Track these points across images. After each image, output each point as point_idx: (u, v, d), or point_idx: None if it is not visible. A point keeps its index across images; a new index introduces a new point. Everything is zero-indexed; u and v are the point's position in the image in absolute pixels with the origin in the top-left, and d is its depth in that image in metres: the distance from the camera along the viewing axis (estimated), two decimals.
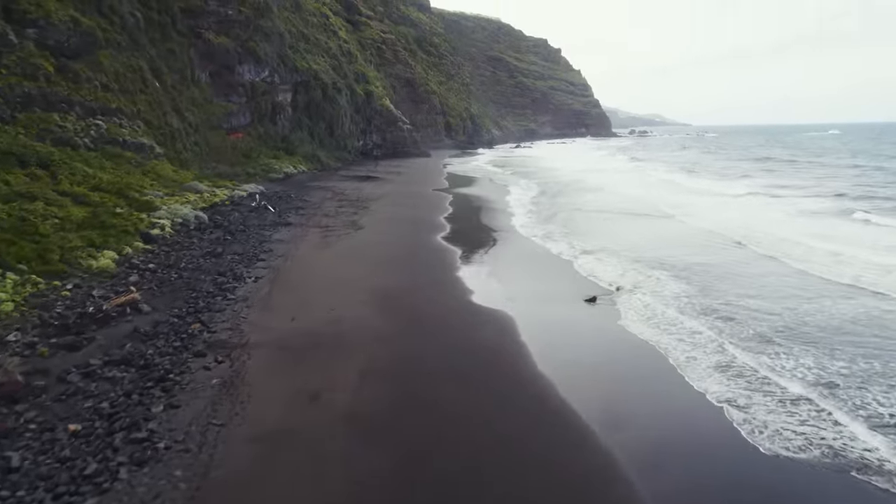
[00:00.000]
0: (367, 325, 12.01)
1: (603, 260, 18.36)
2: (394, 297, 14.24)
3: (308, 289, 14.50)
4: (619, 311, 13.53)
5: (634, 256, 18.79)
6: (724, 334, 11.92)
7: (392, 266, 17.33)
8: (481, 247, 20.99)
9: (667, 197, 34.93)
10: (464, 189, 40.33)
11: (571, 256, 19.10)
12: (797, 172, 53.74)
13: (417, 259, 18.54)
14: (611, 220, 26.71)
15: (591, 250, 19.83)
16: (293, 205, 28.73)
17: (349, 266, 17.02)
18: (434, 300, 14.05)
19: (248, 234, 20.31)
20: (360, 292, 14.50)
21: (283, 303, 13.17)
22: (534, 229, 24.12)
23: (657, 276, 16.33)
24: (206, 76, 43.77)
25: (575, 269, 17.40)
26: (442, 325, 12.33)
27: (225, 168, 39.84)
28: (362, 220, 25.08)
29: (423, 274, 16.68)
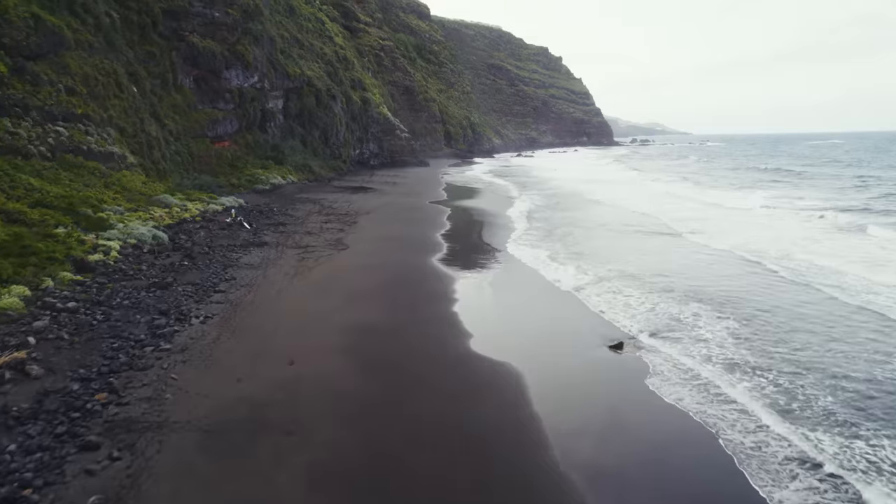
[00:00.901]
0: (333, 391, 9.30)
1: (622, 290, 15.67)
2: (373, 341, 11.53)
3: (268, 331, 11.80)
4: (651, 364, 10.82)
5: (660, 285, 16.10)
6: (797, 402, 9.21)
7: (376, 298, 14.64)
8: (482, 272, 18.32)
9: (677, 211, 32.29)
10: (463, 201, 37.73)
11: (584, 284, 16.43)
12: (811, 183, 51.12)
13: (407, 288, 15.85)
14: (621, 238, 24.04)
15: (605, 276, 17.16)
16: (273, 220, 26.08)
17: (324, 298, 14.33)
18: (423, 349, 11.34)
19: (212, 256, 17.64)
20: (332, 334, 11.81)
21: (230, 354, 10.47)
22: (538, 249, 21.47)
23: (693, 311, 13.63)
24: (190, 81, 41.32)
25: (592, 302, 14.70)
26: (432, 389, 9.62)
27: (207, 179, 37.27)
28: (348, 239, 22.43)
29: (412, 308, 13.99)
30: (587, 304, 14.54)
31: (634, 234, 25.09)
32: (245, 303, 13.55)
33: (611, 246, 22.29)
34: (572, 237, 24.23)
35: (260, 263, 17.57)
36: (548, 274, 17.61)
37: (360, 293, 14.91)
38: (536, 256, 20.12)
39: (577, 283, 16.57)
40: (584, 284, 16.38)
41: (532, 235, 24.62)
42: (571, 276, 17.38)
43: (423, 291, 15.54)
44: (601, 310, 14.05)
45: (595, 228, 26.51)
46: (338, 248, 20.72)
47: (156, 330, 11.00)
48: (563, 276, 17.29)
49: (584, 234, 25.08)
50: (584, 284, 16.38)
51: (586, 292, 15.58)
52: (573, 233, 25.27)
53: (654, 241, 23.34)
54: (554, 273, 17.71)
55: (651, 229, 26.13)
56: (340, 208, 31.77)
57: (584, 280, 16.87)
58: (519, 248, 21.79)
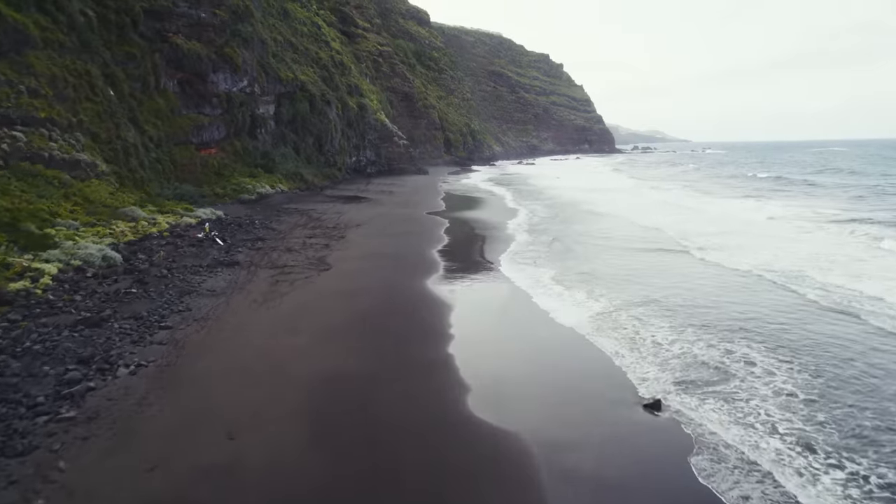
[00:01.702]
0: (283, 481, 6.86)
1: (646, 323, 13.25)
2: (345, 400, 9.11)
3: (212, 386, 9.39)
4: (694, 435, 8.38)
5: (690, 317, 13.67)
6: None
7: (356, 334, 12.23)
8: (483, 297, 15.92)
9: (688, 223, 29.81)
10: (462, 213, 35.37)
11: (599, 313, 14.03)
12: (825, 192, 48.65)
13: (395, 320, 13.43)
14: (631, 257, 21.58)
15: (622, 304, 14.76)
16: (253, 235, 23.69)
17: (293, 336, 11.92)
18: (408, 411, 8.90)
19: (169, 281, 15.23)
20: (293, 389, 9.40)
21: (153, 423, 8.05)
22: (543, 269, 19.09)
23: (740, 354, 11.20)
24: (173, 85, 39.11)
25: (612, 341, 12.26)
26: (417, 473, 7.17)
27: (189, 188, 34.95)
28: (333, 257, 20.02)
29: (398, 349, 11.57)
30: (606, 344, 12.09)
31: (645, 251, 22.61)
32: (193, 343, 11.12)
33: (622, 265, 19.88)
34: (578, 254, 21.84)
35: (225, 289, 15.16)
36: (557, 302, 15.17)
37: (337, 329, 12.48)
38: (542, 279, 17.72)
39: (591, 312, 14.18)
40: (599, 314, 13.98)
41: (536, 252, 22.23)
42: (583, 304, 14.98)
43: (414, 325, 13.11)
44: (623, 352, 11.61)
45: (602, 244, 24.08)
46: (319, 268, 18.31)
47: (63, 388, 8.58)
48: (574, 305, 14.88)
49: (591, 251, 22.66)
50: (600, 314, 13.97)
51: (603, 325, 13.16)
52: (579, 249, 22.87)
53: (669, 260, 20.90)
54: (563, 301, 15.29)
55: (663, 245, 23.67)
56: (329, 220, 29.40)
57: (597, 308, 14.46)
58: (523, 268, 19.38)
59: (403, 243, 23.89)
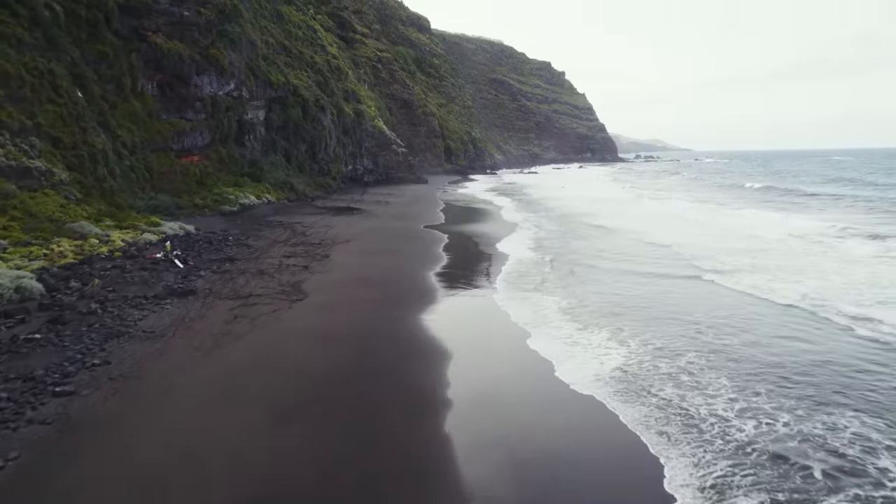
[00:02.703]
0: None
1: (697, 379, 10.23)
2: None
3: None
4: None
5: (756, 371, 10.65)
6: None
7: (321, 411, 9.17)
8: (489, 341, 12.90)
9: (707, 240, 26.53)
10: (463, 226, 32.40)
11: (630, 362, 11.03)
12: (845, 204, 45.46)
13: (376, 382, 10.39)
14: (652, 283, 18.32)
15: (654, 351, 11.74)
16: (222, 254, 20.67)
17: (234, 412, 8.86)
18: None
19: (98, 319, 12.21)
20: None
21: None
22: (552, 296, 16.14)
23: (853, 435, 8.16)
24: (152, 87, 36.31)
25: (654, 413, 9.22)
26: None
27: (166, 198, 32.03)
28: (310, 283, 17.01)
29: (378, 433, 8.50)
30: (641, 416, 9.04)
31: (665, 276, 19.24)
32: (88, 422, 8.07)
33: (640, 294, 16.81)
34: (588, 279, 18.73)
35: (166, 329, 12.13)
36: (579, 349, 12.12)
37: (297, 400, 9.39)
38: (548, 311, 14.73)
39: (614, 363, 11.16)
40: (624, 367, 10.94)
41: (542, 275, 19.23)
42: (601, 348, 11.98)
43: (400, 389, 10.07)
44: (672, 431, 8.54)
45: (613, 267, 20.82)
46: (292, 297, 15.29)
47: None
48: (599, 352, 11.87)
49: (602, 274, 19.49)
50: (626, 367, 10.94)
51: (634, 385, 10.13)
52: (588, 273, 19.69)
53: (695, 288, 17.73)
54: (587, 345, 12.27)
55: (682, 269, 20.30)
56: (315, 235, 26.41)
57: (621, 357, 11.44)
58: (527, 295, 16.36)
59: (396, 264, 20.89)
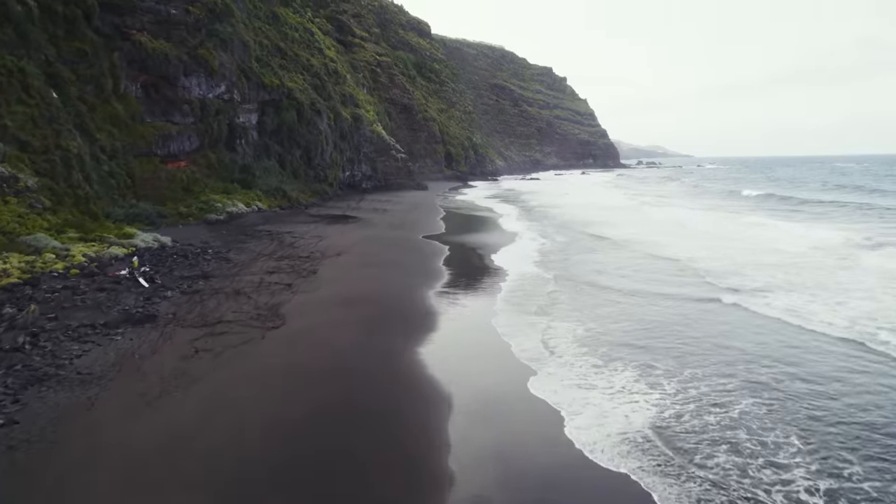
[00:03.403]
0: None
1: (769, 449, 8.15)
2: None
3: None
4: None
5: (846, 438, 8.57)
6: None
7: (292, 474, 7.08)
8: (490, 390, 10.82)
9: (726, 252, 24.34)
10: (465, 236, 30.34)
11: (673, 417, 9.01)
12: (862, 213, 43.27)
13: (365, 436, 8.30)
14: (674, 305, 16.18)
15: (700, 399, 9.69)
16: (197, 269, 18.58)
17: (172, 494, 6.77)
18: None
19: (24, 356, 10.13)
20: None
21: None
22: (563, 321, 14.14)
23: None
24: (136, 89, 34.38)
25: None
26: None
27: (147, 206, 30.02)
28: (291, 305, 14.94)
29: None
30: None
31: (691, 300, 16.96)
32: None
33: (662, 320, 14.71)
34: (604, 302, 16.55)
35: (108, 369, 10.05)
36: (598, 395, 10.03)
37: (257, 473, 7.29)
38: (559, 343, 12.67)
39: (658, 413, 9.16)
40: (671, 420, 8.89)
41: (551, 295, 17.19)
42: (638, 393, 9.95)
43: (394, 448, 7.97)
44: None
45: (630, 286, 18.59)
46: (267, 323, 13.21)
47: None
48: (623, 398, 9.81)
49: (619, 297, 17.23)
50: (673, 420, 8.88)
51: (690, 449, 8.06)
52: (603, 294, 17.53)
53: (733, 316, 15.48)
54: (607, 389, 10.22)
55: (709, 291, 17.91)
56: (304, 247, 24.35)
57: (667, 407, 9.38)
58: (534, 321, 14.29)
59: (391, 280, 18.81)
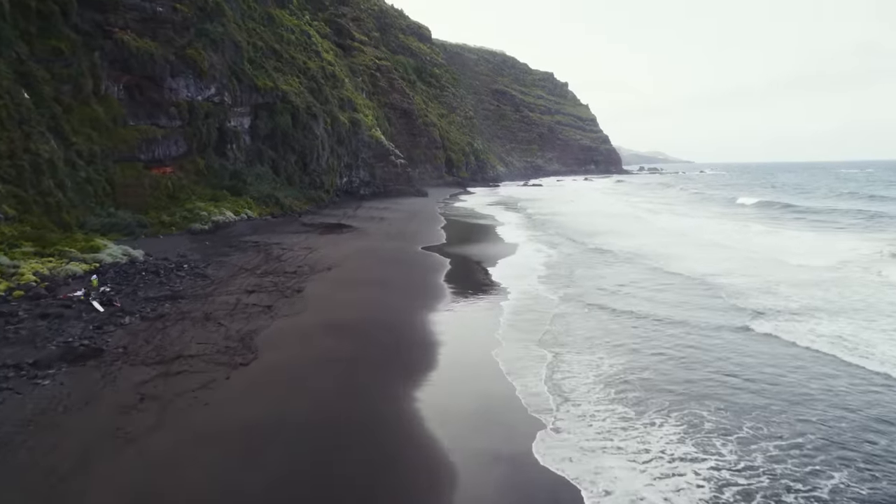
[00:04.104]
0: None
1: None
2: None
3: None
4: None
5: None
6: None
7: None
8: (502, 469, 8.74)
9: (753, 269, 22.26)
10: (466, 247, 28.28)
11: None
12: (882, 222, 41.08)
13: None
14: (712, 339, 14.10)
15: (785, 476, 7.61)
16: (168, 288, 16.49)
17: None
18: None
19: None
20: None
21: None
22: (578, 353, 12.05)
23: None
24: (118, 90, 32.44)
25: None
26: None
27: (126, 215, 27.99)
28: (267, 334, 12.85)
29: None
30: None
31: (725, 330, 14.88)
32: None
33: (702, 359, 12.68)
34: (623, 330, 14.58)
35: (18, 428, 7.96)
36: (624, 463, 7.97)
37: None
38: (588, 379, 10.60)
39: (714, 498, 7.00)
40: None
41: (563, 321, 15.15)
42: (685, 460, 7.95)
43: None
44: None
45: (650, 310, 16.55)
46: (235, 358, 11.13)
47: None
48: (662, 467, 7.79)
49: (640, 324, 15.22)
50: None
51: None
52: (619, 320, 15.48)
53: (781, 349, 13.47)
54: (639, 452, 8.21)
55: (739, 316, 15.97)
56: (292, 260, 22.29)
57: (732, 490, 7.28)
58: (550, 352, 12.22)
59: (385, 302, 16.72)
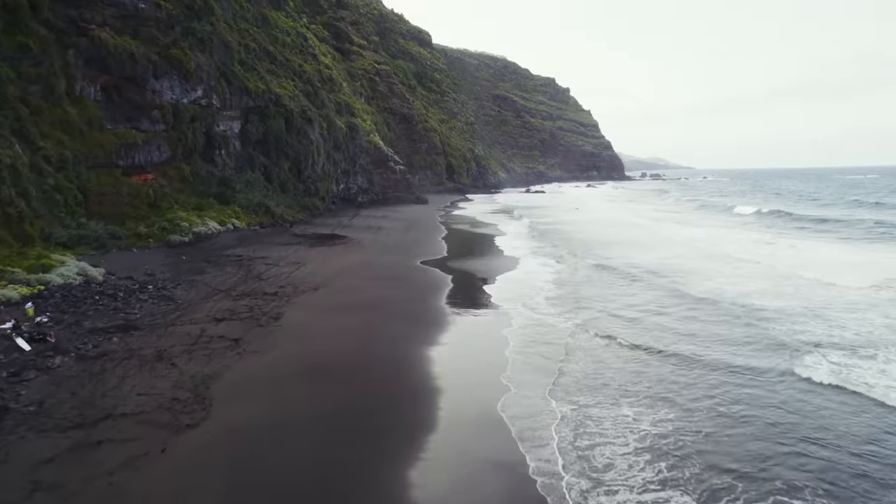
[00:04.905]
0: None
1: None
2: None
3: None
4: None
5: None
6: None
7: None
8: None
9: (792, 288, 19.99)
10: (469, 261, 25.89)
11: None
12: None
13: None
14: (763, 389, 11.66)
15: None
16: (122, 316, 14.08)
17: None
18: None
19: None
20: None
21: None
22: (620, 408, 9.63)
23: None
24: (95, 91, 30.16)
25: None
26: None
27: (98, 227, 25.64)
28: (229, 377, 10.45)
29: None
30: None
31: (774, 375, 12.59)
32: None
33: (761, 417, 10.30)
34: (658, 378, 12.17)
35: None
36: None
37: None
38: (624, 449, 8.21)
39: None
40: None
41: (579, 359, 12.76)
42: None
43: None
44: None
45: (685, 347, 14.31)
46: (180, 419, 8.74)
47: None
48: None
49: (675, 367, 12.97)
50: None
51: None
52: (652, 363, 13.10)
53: (834, 398, 11.18)
54: None
55: (789, 355, 13.39)
56: (275, 278, 19.90)
57: None
58: (568, 406, 9.82)
59: (376, 333, 14.28)
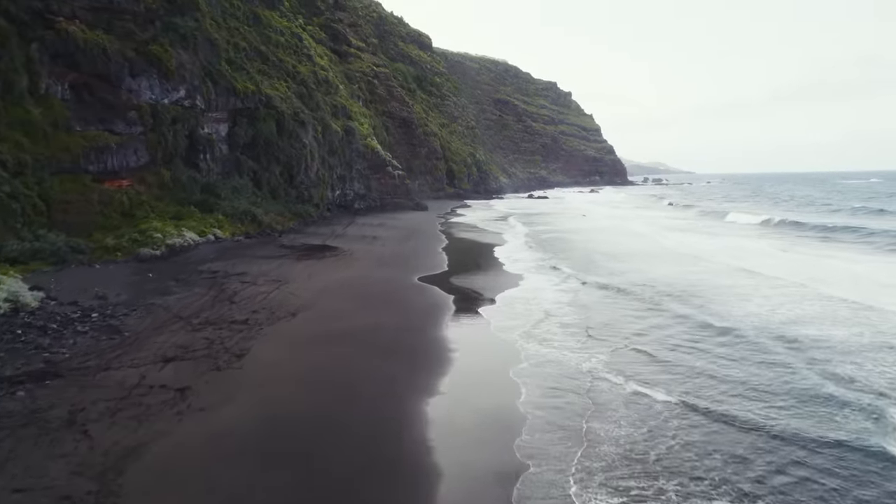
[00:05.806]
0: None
1: None
2: None
3: None
4: None
5: None
6: None
7: None
8: None
9: (856, 314, 17.17)
10: (471, 277, 23.22)
11: None
12: None
13: None
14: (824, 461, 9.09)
15: None
16: (47, 354, 11.41)
17: None
18: None
19: None
20: None
21: None
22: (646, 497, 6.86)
23: None
24: (63, 89, 27.61)
25: None
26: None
27: (59, 239, 23.02)
28: (146, 465, 7.77)
29: None
30: None
31: (855, 452, 10.04)
32: None
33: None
34: (703, 452, 9.55)
35: None
36: None
37: None
38: None
39: None
40: None
41: (606, 422, 10.10)
42: None
43: None
44: None
45: (729, 404, 11.62)
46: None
47: None
48: None
49: (721, 434, 10.37)
50: None
51: None
52: (699, 429, 10.51)
53: None
54: None
55: (876, 422, 10.96)
56: (249, 300, 17.22)
57: None
58: (618, 493, 7.12)
59: (358, 377, 11.59)
